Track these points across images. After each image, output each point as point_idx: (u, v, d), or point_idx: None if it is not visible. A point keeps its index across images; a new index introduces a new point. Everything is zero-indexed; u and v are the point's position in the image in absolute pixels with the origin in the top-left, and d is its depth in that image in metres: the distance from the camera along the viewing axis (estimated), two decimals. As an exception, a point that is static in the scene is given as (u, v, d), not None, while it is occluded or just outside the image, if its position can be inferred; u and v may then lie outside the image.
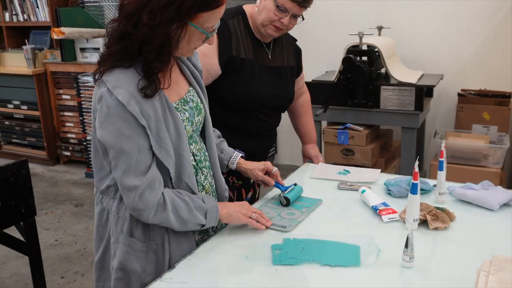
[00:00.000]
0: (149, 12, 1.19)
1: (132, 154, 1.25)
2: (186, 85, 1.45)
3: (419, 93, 2.96)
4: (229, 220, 1.43)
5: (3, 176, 2.01)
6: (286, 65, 2.01)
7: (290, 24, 1.85)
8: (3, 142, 5.12)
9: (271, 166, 1.70)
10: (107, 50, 1.27)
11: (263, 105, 1.93)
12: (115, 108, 1.22)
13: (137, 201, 1.27)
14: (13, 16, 5.00)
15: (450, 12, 3.46)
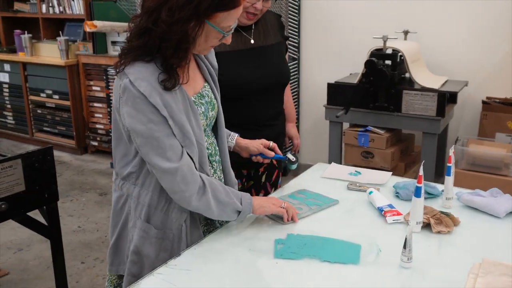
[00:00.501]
0: (168, 9, 1.24)
1: (163, 139, 1.30)
2: (202, 81, 1.50)
3: (442, 98, 2.95)
4: (262, 211, 1.48)
5: (29, 161, 2.10)
6: (273, 43, 2.00)
7: (264, 7, 1.88)
8: (35, 129, 5.30)
9: (267, 142, 1.74)
10: (128, 44, 1.33)
11: (256, 89, 1.93)
12: (138, 98, 1.28)
13: (179, 182, 1.32)
14: (49, 8, 5.16)
15: (478, 18, 3.42)
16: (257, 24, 1.99)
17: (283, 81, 2.06)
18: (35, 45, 5.09)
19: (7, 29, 5.55)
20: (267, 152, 1.72)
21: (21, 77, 5.14)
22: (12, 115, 5.42)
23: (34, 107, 5.21)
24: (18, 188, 2.06)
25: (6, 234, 3.27)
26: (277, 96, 2.06)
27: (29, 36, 5.05)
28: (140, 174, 1.41)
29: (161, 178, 1.35)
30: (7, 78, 5.29)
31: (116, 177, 1.49)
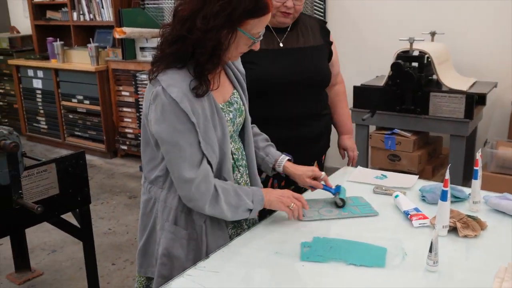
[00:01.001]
0: (203, 17, 1.29)
1: (185, 147, 1.35)
2: (230, 88, 1.54)
3: (470, 100, 2.92)
4: (270, 206, 1.52)
5: (62, 166, 2.18)
6: (311, 45, 2.02)
7: (296, 6, 1.91)
8: (66, 134, 5.44)
9: (319, 172, 1.71)
10: (161, 52, 1.38)
11: (284, 85, 1.94)
12: (169, 105, 1.33)
13: (194, 192, 1.37)
14: (80, 15, 5.30)
15: (506, 18, 3.37)
16: (294, 27, 2.03)
17: (318, 81, 2.05)
18: (67, 52, 5.23)
19: (40, 37, 5.72)
20: (316, 184, 1.70)
21: (54, 83, 5.29)
22: (45, 120, 5.57)
23: (66, 112, 5.35)
24: (52, 192, 2.14)
25: (40, 236, 3.38)
26: (312, 96, 2.05)
27: (61, 43, 5.19)
28: (167, 178, 1.46)
29: (177, 186, 1.41)
30: (40, 84, 5.45)
31: (145, 181, 1.55)
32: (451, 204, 1.52)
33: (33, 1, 5.63)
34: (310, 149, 2.09)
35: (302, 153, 2.04)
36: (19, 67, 5.58)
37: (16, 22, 6.36)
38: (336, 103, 2.25)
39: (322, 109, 2.11)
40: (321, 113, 2.11)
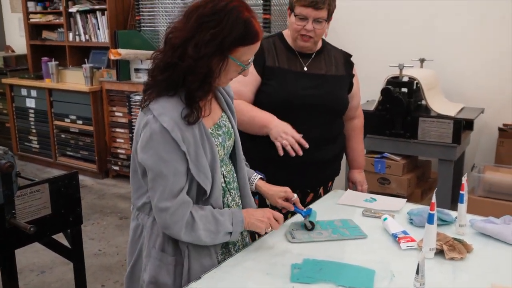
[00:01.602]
0: (194, 45, 1.33)
1: (168, 177, 1.37)
2: (219, 111, 1.57)
3: (457, 126, 2.98)
4: (250, 228, 1.52)
5: (55, 186, 2.19)
6: (332, 74, 2.09)
7: (316, 29, 1.96)
8: (58, 154, 5.44)
9: (291, 194, 1.73)
10: (152, 79, 1.41)
11: (302, 104, 2.00)
12: (159, 134, 1.35)
13: (168, 220, 1.39)
14: (76, 36, 5.35)
15: (493, 46, 3.47)
16: (319, 55, 2.10)
17: (335, 108, 2.10)
18: (61, 72, 5.27)
19: (35, 57, 5.76)
20: (288, 206, 1.73)
21: (47, 103, 5.31)
22: (37, 139, 5.58)
23: (58, 132, 5.36)
24: (44, 212, 2.15)
25: (29, 257, 3.36)
26: (326, 121, 2.08)
27: (55, 63, 5.23)
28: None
29: (155, 213, 1.43)
30: (33, 103, 5.47)
31: (133, 207, 1.57)
32: (438, 227, 1.56)
33: (29, 21, 5.69)
34: (317, 174, 2.11)
35: (309, 177, 2.09)
36: (13, 86, 5.61)
37: (11, 42, 6.41)
38: (352, 137, 2.29)
39: (335, 137, 2.14)
40: (334, 140, 2.14)
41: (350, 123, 2.28)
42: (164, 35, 1.41)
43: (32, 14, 5.68)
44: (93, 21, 5.18)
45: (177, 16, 1.41)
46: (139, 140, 1.41)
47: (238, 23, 1.34)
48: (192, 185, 1.43)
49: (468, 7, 3.51)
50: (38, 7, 5.68)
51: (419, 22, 3.71)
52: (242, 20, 1.35)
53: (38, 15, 5.64)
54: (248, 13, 1.38)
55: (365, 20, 3.92)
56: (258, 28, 1.40)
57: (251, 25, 1.37)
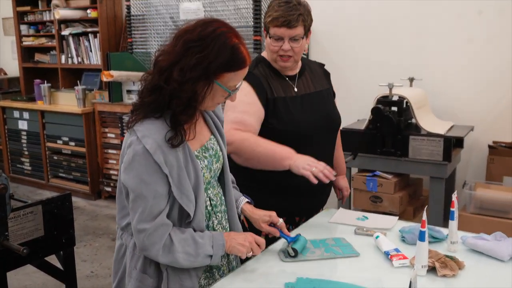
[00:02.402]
0: (180, 69, 1.34)
1: (148, 199, 1.37)
2: (208, 133, 1.58)
3: (448, 143, 3.02)
4: (231, 251, 1.50)
5: (48, 207, 2.19)
6: (321, 89, 2.10)
7: (294, 48, 1.92)
8: (50, 176, 5.42)
9: (276, 218, 1.69)
10: (140, 100, 1.42)
11: (310, 131, 1.98)
12: (141, 156, 1.36)
13: (146, 242, 1.39)
14: (68, 58, 5.39)
15: (481, 64, 3.53)
16: (302, 73, 2.09)
17: (333, 125, 2.10)
18: (54, 94, 5.29)
19: (27, 79, 5.78)
20: (273, 231, 1.69)
21: (39, 125, 5.31)
22: (29, 161, 5.56)
23: (51, 154, 5.35)
24: (37, 233, 2.14)
25: (21, 279, 3.33)
26: (328, 140, 2.08)
27: (48, 85, 5.25)
28: None
29: (133, 234, 1.43)
30: (25, 125, 5.47)
31: (118, 227, 1.57)
32: (430, 244, 1.57)
33: (22, 44, 5.72)
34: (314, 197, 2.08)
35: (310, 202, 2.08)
36: (5, 108, 5.61)
37: (4, 64, 6.43)
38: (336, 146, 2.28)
39: (332, 153, 2.13)
40: (332, 158, 2.13)
41: None
42: (154, 58, 1.43)
43: (25, 37, 5.72)
44: (86, 44, 5.22)
45: (167, 39, 1.43)
46: (123, 161, 1.42)
47: (225, 48, 1.36)
48: (174, 207, 1.43)
49: (456, 27, 3.58)
50: (31, 30, 5.73)
51: (407, 41, 3.77)
52: (229, 46, 1.37)
53: (31, 38, 5.69)
54: (236, 40, 1.40)
55: (355, 40, 3.98)
56: (245, 55, 1.41)
57: (238, 51, 1.39)
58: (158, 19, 4.08)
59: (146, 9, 4.15)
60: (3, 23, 6.32)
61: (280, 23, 1.88)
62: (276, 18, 1.89)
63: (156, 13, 4.08)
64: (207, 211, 1.54)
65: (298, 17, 1.88)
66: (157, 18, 4.09)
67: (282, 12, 1.88)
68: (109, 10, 5.09)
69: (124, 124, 4.67)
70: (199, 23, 1.40)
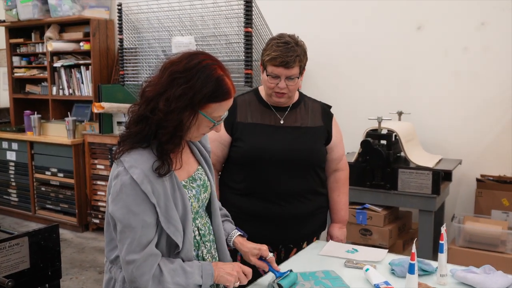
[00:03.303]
0: (165, 99, 1.37)
1: (137, 229, 1.37)
2: (195, 164, 1.59)
3: (436, 177, 3.04)
4: (219, 281, 1.49)
5: (35, 239, 2.16)
6: (307, 126, 2.10)
7: (289, 86, 2.00)
8: (37, 207, 5.35)
9: (266, 252, 1.68)
10: (127, 131, 1.44)
11: (274, 159, 2.01)
12: (129, 186, 1.36)
13: (135, 273, 1.37)
14: (59, 90, 5.40)
15: (470, 98, 3.59)
16: (295, 107, 2.13)
17: (310, 160, 2.08)
18: (44, 125, 5.27)
19: (18, 110, 5.77)
20: (262, 265, 1.68)
21: (28, 156, 5.28)
22: (16, 192, 5.50)
23: (39, 185, 5.30)
24: (23, 266, 2.10)
25: (4, 314, 3.24)
26: (303, 174, 2.07)
27: (38, 116, 5.24)
28: None
29: (122, 265, 1.41)
30: (14, 156, 5.43)
31: (106, 260, 1.55)
32: (419, 277, 1.57)
33: (13, 75, 5.74)
34: (299, 228, 2.09)
35: (290, 232, 2.07)
36: (-6, 139, 5.58)
37: (-6, 95, 6.43)
38: (333, 190, 2.26)
39: (314, 188, 2.12)
40: (314, 192, 2.12)
41: (333, 175, 2.26)
42: (141, 89, 1.45)
43: (16, 69, 5.74)
44: (77, 75, 5.25)
45: (157, 70, 1.46)
46: (110, 192, 1.42)
47: (210, 80, 1.39)
48: (162, 237, 1.42)
49: (442, 62, 3.66)
50: (23, 61, 5.76)
51: (396, 76, 3.84)
52: (214, 77, 1.40)
53: (23, 70, 5.71)
54: (221, 71, 1.43)
55: (344, 75, 4.05)
56: (230, 86, 1.44)
57: (223, 83, 1.42)
58: (150, 52, 4.13)
59: (138, 42, 4.20)
60: (-5, 55, 6.35)
61: (278, 63, 1.96)
62: (274, 58, 1.97)
63: (148, 47, 4.14)
64: (196, 241, 1.54)
65: (295, 59, 1.96)
66: (149, 51, 4.14)
67: (281, 53, 1.96)
68: (101, 43, 5.15)
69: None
70: (185, 55, 1.43)
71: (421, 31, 3.73)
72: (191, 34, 3.84)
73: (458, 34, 3.59)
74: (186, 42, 3.76)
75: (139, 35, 4.16)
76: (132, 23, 4.18)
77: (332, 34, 4.07)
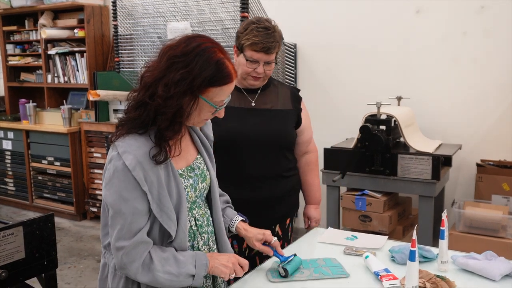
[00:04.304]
0: (164, 85, 1.33)
1: (127, 216, 1.34)
2: (194, 153, 1.55)
3: (436, 162, 3.01)
4: (213, 272, 1.45)
5: (30, 229, 2.13)
6: (278, 108, 2.10)
7: (266, 70, 2.01)
8: (35, 196, 5.32)
9: (270, 237, 1.67)
10: (126, 116, 1.40)
11: (245, 141, 2.00)
12: (121, 172, 1.33)
13: (124, 260, 1.35)
14: (54, 78, 5.34)
15: (470, 83, 3.55)
16: (265, 90, 2.11)
17: (281, 142, 2.09)
18: (39, 114, 5.22)
19: (13, 98, 5.72)
20: (266, 250, 1.65)
21: (24, 144, 5.24)
22: (13, 181, 5.47)
23: (35, 174, 5.26)
24: (18, 256, 2.07)
25: (2, 303, 3.22)
26: (273, 156, 2.07)
27: (33, 105, 5.19)
28: None
29: (112, 252, 1.39)
30: (10, 145, 5.38)
31: (101, 245, 1.52)
32: (420, 264, 1.54)
33: (7, 64, 5.67)
34: (271, 211, 2.08)
35: (263, 215, 2.05)
36: (-11, 128, 5.53)
37: (-12, 84, 6.36)
38: (306, 172, 2.28)
39: (284, 171, 2.12)
40: (284, 175, 2.12)
41: (303, 158, 2.27)
42: (140, 74, 1.41)
43: (10, 57, 5.67)
44: (72, 63, 5.19)
45: (154, 56, 1.41)
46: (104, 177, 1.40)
47: (209, 63, 1.35)
48: (155, 225, 1.39)
49: (441, 47, 3.61)
50: (17, 49, 5.68)
51: (395, 61, 3.79)
52: (214, 61, 1.36)
53: (17, 58, 5.64)
54: (221, 54, 1.39)
55: (342, 60, 4.00)
56: (231, 69, 1.39)
57: (223, 66, 1.38)
58: (146, 38, 4.07)
59: (133, 28, 4.13)
60: (-11, 43, 6.27)
61: (259, 49, 1.96)
62: (255, 43, 1.95)
63: (144, 33, 4.07)
64: (192, 231, 1.50)
65: (275, 45, 1.98)
66: (144, 38, 4.08)
67: (262, 38, 1.95)
68: (96, 30, 5.08)
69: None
70: (183, 39, 1.39)
71: (420, 14, 3.67)
72: (186, 20, 3.78)
73: (457, 18, 3.54)
74: (182, 28, 3.70)
75: (134, 21, 4.09)
76: (127, 9, 4.11)
77: (329, 18, 4.01)
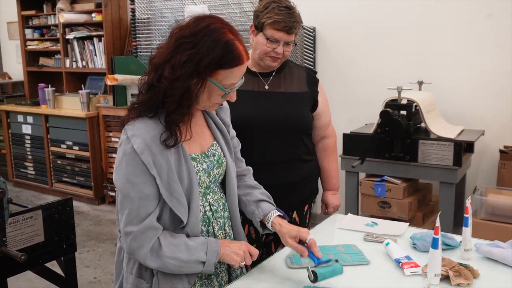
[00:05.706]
0: (171, 67, 1.30)
1: (134, 200, 1.33)
2: (210, 139, 1.52)
3: (458, 148, 2.94)
4: (224, 260, 1.42)
5: (48, 212, 2.14)
6: (292, 91, 2.04)
7: (286, 51, 1.96)
8: (54, 180, 5.38)
9: (305, 234, 1.48)
10: (137, 99, 1.38)
11: (260, 126, 1.96)
12: (129, 155, 1.32)
13: (132, 245, 1.34)
14: (73, 62, 5.36)
15: (493, 68, 3.46)
16: (280, 72, 2.06)
17: (296, 126, 2.03)
18: (58, 98, 5.25)
19: (32, 83, 5.76)
20: (300, 250, 1.47)
21: (43, 129, 5.28)
22: (33, 166, 5.53)
23: (55, 158, 5.31)
24: (37, 239, 2.09)
25: (22, 285, 3.27)
26: (289, 141, 2.02)
27: (52, 89, 5.22)
28: None
29: (121, 236, 1.38)
30: (29, 130, 5.44)
31: (117, 229, 1.52)
32: (443, 252, 1.50)
33: (26, 48, 5.71)
34: (286, 198, 2.02)
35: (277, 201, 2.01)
36: (9, 112, 5.59)
37: (8, 68, 6.42)
38: (323, 158, 2.22)
39: (301, 155, 2.07)
40: (301, 161, 2.07)
41: (321, 142, 2.20)
42: (149, 58, 1.39)
43: (29, 41, 5.70)
44: (90, 48, 5.20)
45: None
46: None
47: (218, 44, 1.30)
48: (165, 211, 1.37)
49: (464, 30, 3.52)
50: (35, 34, 5.71)
51: (416, 45, 3.71)
52: (222, 42, 1.31)
53: (35, 42, 5.67)
54: (231, 35, 1.34)
55: (363, 44, 3.93)
56: (241, 51, 1.34)
57: (233, 48, 1.33)
58: (163, 22, 4.04)
59: (151, 12, 4.11)
60: (8, 27, 6.31)
61: (281, 28, 1.91)
62: (277, 21, 1.91)
63: (161, 16, 4.04)
64: (206, 216, 1.49)
65: (296, 25, 1.94)
66: (162, 21, 4.05)
67: (284, 17, 1.91)
68: (114, 14, 5.07)
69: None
70: (192, 19, 1.35)
71: (443, -4, 3.57)
72: (204, 3, 3.74)
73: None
74: (199, 11, 3.66)
75: (151, 4, 4.07)
76: (144, -8, 4.08)
77: (349, 1, 3.93)
